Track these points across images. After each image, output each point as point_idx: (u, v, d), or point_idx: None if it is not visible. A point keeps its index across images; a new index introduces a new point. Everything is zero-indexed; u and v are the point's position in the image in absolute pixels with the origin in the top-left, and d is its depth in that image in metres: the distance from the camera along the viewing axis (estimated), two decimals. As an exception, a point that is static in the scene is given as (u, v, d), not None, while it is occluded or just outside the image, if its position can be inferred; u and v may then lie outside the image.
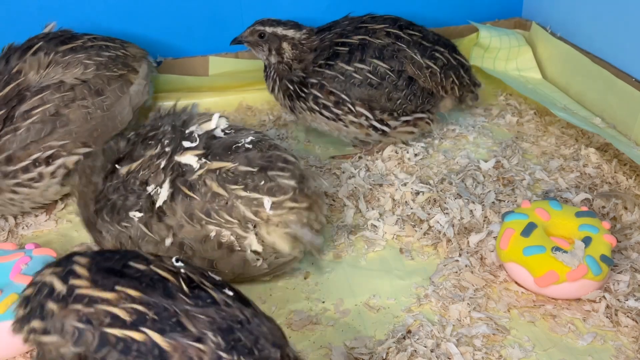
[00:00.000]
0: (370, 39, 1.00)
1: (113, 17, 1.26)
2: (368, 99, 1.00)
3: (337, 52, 1.00)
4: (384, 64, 0.99)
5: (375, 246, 0.90)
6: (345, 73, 0.99)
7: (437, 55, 1.04)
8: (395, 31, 1.02)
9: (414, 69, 1.01)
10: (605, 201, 0.96)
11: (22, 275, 0.77)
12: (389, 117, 1.02)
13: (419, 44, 1.03)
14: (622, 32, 1.14)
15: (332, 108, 1.00)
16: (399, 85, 1.00)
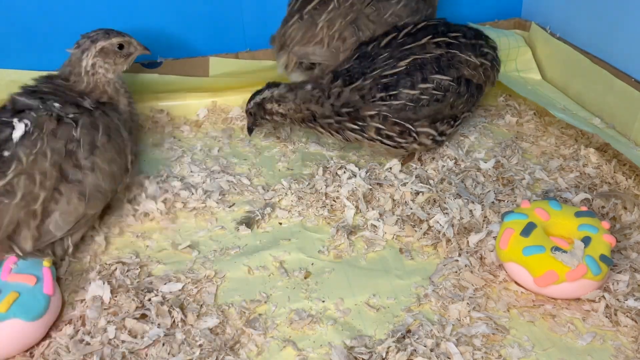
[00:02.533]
0: (419, 57, 0.97)
1: (113, 17, 1.26)
2: (434, 114, 0.98)
3: (389, 82, 0.96)
4: (445, 76, 0.97)
5: (375, 246, 0.91)
6: (413, 98, 0.95)
7: (485, 50, 1.03)
8: (442, 39, 0.99)
9: (470, 71, 1.00)
10: (604, 201, 0.96)
11: (14, 274, 0.77)
12: (447, 127, 1.01)
13: (467, 44, 1.01)
14: (622, 32, 1.14)
15: (396, 138, 0.98)
16: (461, 92, 0.99)
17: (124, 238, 0.93)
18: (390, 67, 0.97)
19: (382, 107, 0.96)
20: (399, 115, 0.96)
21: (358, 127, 0.98)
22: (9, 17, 1.21)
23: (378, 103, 0.96)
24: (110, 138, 0.90)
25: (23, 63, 1.24)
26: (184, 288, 0.83)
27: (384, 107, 0.96)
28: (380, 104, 0.96)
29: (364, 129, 0.98)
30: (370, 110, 0.96)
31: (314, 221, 0.96)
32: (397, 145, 0.99)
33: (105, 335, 0.75)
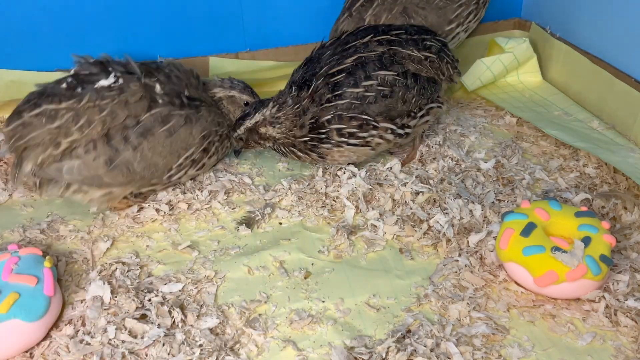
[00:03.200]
0: (364, 54, 0.98)
1: (113, 17, 1.26)
2: (386, 110, 0.98)
3: (337, 82, 0.96)
4: (388, 71, 0.97)
5: (376, 246, 0.91)
6: (358, 96, 0.96)
7: (429, 43, 1.04)
8: (384, 37, 1.00)
9: (415, 65, 1.00)
10: (604, 201, 0.96)
11: (15, 274, 0.77)
12: (408, 119, 1.01)
13: (409, 40, 1.02)
14: (622, 32, 1.14)
15: (358, 133, 0.97)
16: (409, 85, 0.99)
17: (124, 238, 0.93)
18: (336, 63, 0.97)
19: (331, 108, 0.96)
20: (352, 111, 0.96)
21: (324, 135, 0.97)
22: (9, 17, 1.21)
23: (327, 105, 0.96)
24: (171, 135, 0.94)
25: (23, 63, 1.24)
26: (184, 288, 0.83)
27: (332, 109, 0.96)
28: (329, 106, 0.96)
29: (329, 136, 0.97)
30: (326, 115, 0.96)
31: (314, 221, 0.96)
32: (363, 142, 0.99)
33: (105, 336, 0.75)
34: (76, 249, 0.91)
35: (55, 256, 0.88)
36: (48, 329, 0.76)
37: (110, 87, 0.91)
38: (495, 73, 1.29)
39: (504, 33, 1.44)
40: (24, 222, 0.96)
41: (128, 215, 0.97)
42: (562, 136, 1.11)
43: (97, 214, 0.98)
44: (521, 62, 1.31)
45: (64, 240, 0.93)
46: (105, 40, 1.28)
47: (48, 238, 0.93)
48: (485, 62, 1.29)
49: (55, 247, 0.91)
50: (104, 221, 0.96)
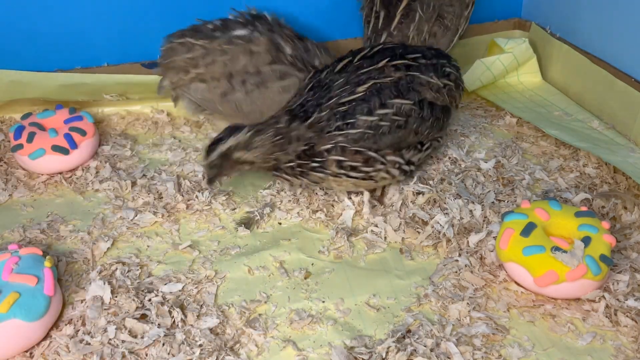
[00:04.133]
0: (379, 81, 0.90)
1: (113, 17, 1.26)
2: (398, 142, 0.91)
3: (347, 110, 0.88)
4: (405, 100, 0.90)
5: (376, 248, 0.90)
6: (372, 125, 0.88)
7: (448, 70, 0.98)
8: (401, 61, 0.93)
9: (432, 93, 0.94)
10: (604, 201, 0.96)
11: (15, 274, 0.77)
12: (414, 153, 0.94)
13: (429, 65, 0.95)
14: (622, 32, 1.14)
15: (362, 167, 0.90)
16: (424, 116, 0.92)
17: (124, 238, 0.93)
18: (347, 93, 0.89)
19: (338, 137, 0.88)
20: (360, 145, 0.89)
21: (317, 163, 0.89)
22: (10, 17, 1.21)
23: (334, 134, 0.88)
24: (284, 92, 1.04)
25: (23, 63, 1.24)
26: (184, 288, 0.83)
27: (340, 138, 0.88)
28: (337, 135, 0.88)
29: (324, 165, 0.89)
30: (326, 144, 0.88)
31: (314, 222, 0.96)
32: (366, 176, 0.91)
33: (105, 335, 0.75)
34: (76, 249, 0.91)
35: (56, 256, 0.88)
36: (48, 329, 0.76)
37: (242, 36, 1.06)
38: (495, 73, 1.29)
39: (504, 33, 1.43)
40: (24, 222, 0.96)
41: (128, 215, 0.97)
42: (562, 136, 1.11)
43: (97, 214, 0.98)
44: (521, 63, 1.31)
45: (64, 240, 0.93)
46: (106, 40, 1.28)
47: (48, 238, 0.93)
48: (485, 62, 1.29)
49: (55, 247, 0.91)
50: (104, 221, 0.96)
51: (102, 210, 0.99)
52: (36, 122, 1.10)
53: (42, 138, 1.05)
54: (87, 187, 1.04)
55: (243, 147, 0.89)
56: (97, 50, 1.28)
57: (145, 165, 1.10)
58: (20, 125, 1.08)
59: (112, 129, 1.21)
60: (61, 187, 1.05)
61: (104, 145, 1.14)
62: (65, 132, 1.07)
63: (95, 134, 1.11)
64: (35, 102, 1.21)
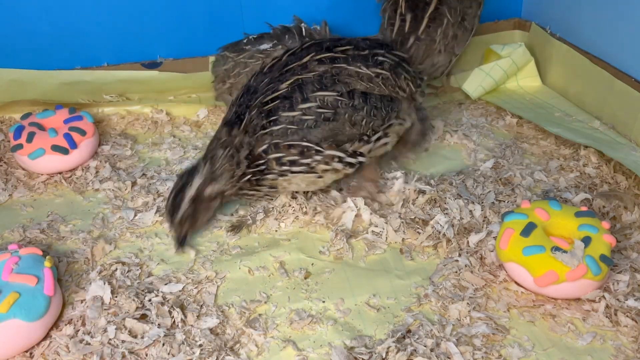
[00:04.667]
0: (302, 76, 0.88)
1: (113, 17, 1.26)
2: (332, 135, 0.88)
3: (271, 108, 0.87)
4: (329, 92, 0.88)
5: (377, 249, 0.90)
6: (294, 120, 0.87)
7: (381, 58, 0.93)
8: (326, 55, 0.91)
9: (364, 84, 0.90)
10: (605, 201, 0.96)
11: (15, 274, 0.77)
12: (360, 144, 0.92)
13: (357, 56, 0.92)
14: (622, 32, 1.14)
15: (300, 159, 0.88)
16: (356, 106, 0.89)
17: (124, 238, 0.93)
18: (271, 91, 0.88)
19: (266, 136, 0.87)
20: (289, 139, 0.87)
21: (263, 166, 0.88)
22: (10, 17, 1.22)
23: (262, 133, 0.87)
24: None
25: (23, 62, 1.24)
26: (184, 288, 0.83)
27: (267, 137, 0.87)
28: (264, 134, 0.87)
29: (268, 167, 0.88)
30: (261, 145, 0.87)
31: (314, 222, 0.96)
32: (308, 169, 0.89)
33: (105, 335, 0.75)
34: (76, 249, 0.91)
35: (56, 256, 0.88)
36: (48, 329, 0.76)
37: (263, 50, 1.11)
38: (496, 78, 1.29)
39: (504, 33, 1.43)
40: (24, 222, 0.96)
41: (128, 215, 0.97)
42: (564, 133, 1.11)
43: (97, 214, 0.98)
44: (520, 66, 1.31)
45: (64, 240, 0.93)
46: (106, 40, 1.28)
47: (48, 238, 0.93)
48: (484, 69, 1.28)
49: (55, 247, 0.91)
50: (104, 221, 0.96)
51: (102, 210, 0.99)
52: (36, 122, 1.09)
53: (42, 138, 1.05)
54: (87, 187, 1.04)
55: (211, 180, 0.87)
56: (97, 50, 1.28)
57: (145, 164, 1.10)
58: (20, 125, 1.08)
59: (112, 129, 1.21)
60: (61, 187, 1.05)
61: (104, 145, 1.14)
62: (65, 131, 1.07)
63: (95, 134, 1.11)
64: (35, 103, 1.21)
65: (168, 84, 1.29)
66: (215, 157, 0.87)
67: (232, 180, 0.88)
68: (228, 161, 0.87)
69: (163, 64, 1.30)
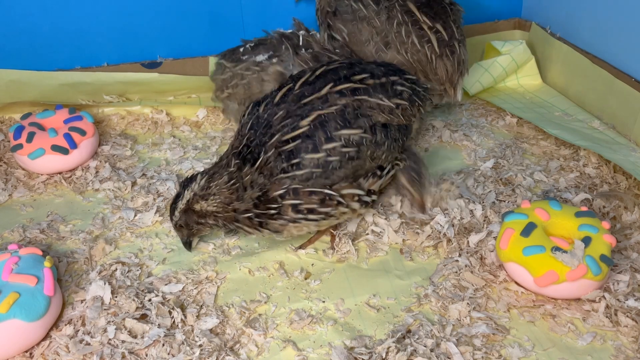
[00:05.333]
0: (323, 112, 0.82)
1: (113, 17, 1.26)
2: (353, 173, 0.83)
3: (292, 149, 0.80)
4: (353, 129, 0.82)
5: (378, 251, 0.90)
6: (319, 163, 0.80)
7: (399, 88, 0.89)
8: (346, 85, 0.84)
9: (385, 116, 0.86)
10: (605, 201, 0.96)
11: (15, 274, 0.77)
12: (374, 181, 0.86)
13: (377, 86, 0.87)
14: (622, 32, 1.14)
15: (319, 208, 0.82)
16: (378, 141, 0.84)
17: (124, 238, 0.93)
18: (290, 128, 0.81)
19: (286, 180, 0.80)
20: (311, 184, 0.81)
21: (275, 210, 0.82)
22: (10, 17, 1.21)
23: (282, 177, 0.80)
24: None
25: (23, 62, 1.24)
26: (184, 288, 0.83)
27: (287, 180, 0.80)
28: (284, 178, 0.80)
29: (281, 212, 0.82)
30: (279, 189, 0.80)
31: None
32: (326, 217, 0.84)
33: (105, 336, 0.75)
34: (76, 249, 0.91)
35: (56, 256, 0.88)
36: (48, 329, 0.76)
37: (259, 63, 1.08)
38: (495, 75, 1.29)
39: (504, 33, 1.43)
40: (24, 222, 0.96)
41: (128, 215, 0.97)
42: (563, 135, 1.11)
43: (97, 214, 0.98)
44: (519, 65, 1.31)
45: (64, 240, 0.93)
46: (106, 40, 1.28)
47: (48, 238, 0.93)
48: (483, 65, 1.29)
49: (55, 247, 0.91)
50: (104, 221, 0.96)
51: (102, 210, 0.99)
52: (36, 122, 1.10)
53: (42, 138, 1.05)
54: (86, 187, 1.04)
55: (200, 198, 0.83)
56: (97, 50, 1.28)
57: (145, 164, 1.10)
58: (20, 125, 1.08)
59: (111, 129, 1.21)
60: (61, 187, 1.05)
61: (104, 145, 1.14)
62: (65, 132, 1.07)
63: (95, 134, 1.11)
64: (35, 103, 1.21)
65: (167, 85, 1.29)
66: (214, 178, 0.82)
67: (226, 207, 0.83)
68: (228, 190, 0.82)
69: (163, 64, 1.30)
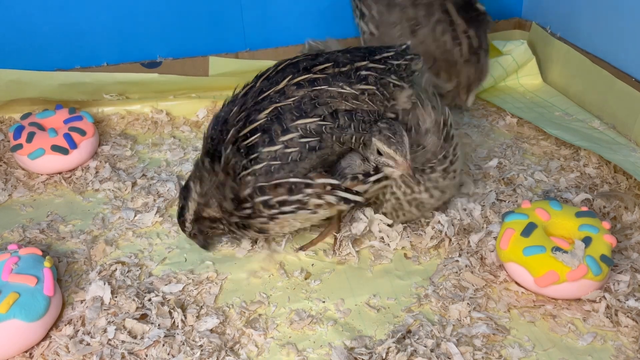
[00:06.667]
0: (280, 104, 0.80)
1: (113, 17, 1.26)
2: (321, 162, 0.80)
3: (249, 144, 0.78)
4: (310, 119, 0.79)
5: (382, 259, 0.89)
6: (277, 155, 0.78)
7: (364, 73, 0.84)
8: (304, 77, 0.82)
9: (349, 103, 0.81)
10: (605, 201, 0.96)
11: (15, 274, 0.77)
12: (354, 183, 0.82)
13: (337, 74, 0.83)
14: (622, 32, 1.14)
15: (289, 197, 0.80)
16: (342, 125, 0.80)
17: (124, 238, 0.93)
18: (245, 122, 0.79)
19: (250, 178, 0.78)
20: (275, 177, 0.78)
21: (249, 210, 0.80)
22: (9, 17, 1.21)
23: (244, 174, 0.78)
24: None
25: (23, 62, 1.24)
26: (185, 289, 0.83)
27: (250, 178, 0.78)
28: (246, 175, 0.78)
29: (255, 211, 0.80)
30: (245, 189, 0.79)
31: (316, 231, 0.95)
32: (300, 206, 0.81)
33: (105, 336, 0.75)
34: (76, 249, 0.91)
35: (56, 256, 0.88)
36: (48, 329, 0.76)
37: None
38: (495, 75, 1.29)
39: (504, 33, 1.43)
40: (24, 222, 0.96)
41: (128, 215, 0.97)
42: (563, 135, 1.10)
43: (97, 214, 0.98)
44: (520, 65, 1.31)
45: (63, 240, 0.93)
46: (105, 40, 1.28)
47: (48, 238, 0.93)
48: None
49: (55, 247, 0.91)
50: (104, 221, 0.96)
51: (101, 210, 0.99)
52: (36, 122, 1.09)
53: (42, 138, 1.05)
54: (86, 187, 1.04)
55: (204, 204, 0.82)
56: (97, 50, 1.28)
57: (145, 165, 1.10)
58: (19, 125, 1.08)
59: (111, 129, 1.21)
60: (61, 187, 1.05)
61: (104, 145, 1.14)
62: (65, 132, 1.07)
63: (95, 134, 1.11)
64: (35, 102, 1.21)
65: (167, 85, 1.29)
66: (203, 178, 0.81)
67: (221, 211, 0.82)
68: (216, 189, 0.81)
69: (162, 64, 1.30)
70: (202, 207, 0.82)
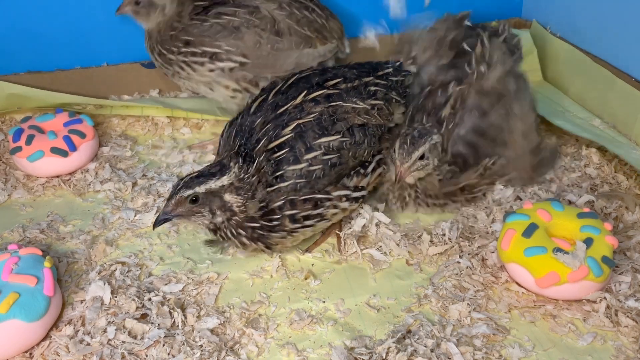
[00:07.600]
0: (302, 121, 0.83)
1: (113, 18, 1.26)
2: (337, 176, 0.84)
3: (278, 159, 0.81)
4: (332, 136, 0.83)
5: (382, 264, 0.88)
6: (302, 173, 0.81)
7: (373, 88, 0.90)
8: (319, 93, 0.86)
9: (361, 118, 0.87)
10: (606, 201, 0.95)
11: (15, 274, 0.77)
12: (359, 179, 0.87)
13: (350, 90, 0.88)
14: (622, 32, 1.14)
15: (313, 212, 0.83)
16: (358, 141, 0.85)
17: (124, 238, 0.93)
18: (272, 135, 0.82)
19: (279, 192, 0.81)
20: (303, 193, 0.82)
21: (277, 222, 0.81)
22: (9, 17, 1.21)
23: (273, 189, 0.81)
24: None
25: (23, 63, 1.24)
26: (185, 289, 0.83)
27: (281, 192, 0.81)
28: (275, 190, 0.81)
29: (282, 224, 0.82)
30: (277, 201, 0.81)
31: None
32: (320, 219, 0.84)
33: (105, 336, 0.75)
34: (76, 249, 0.91)
35: (56, 257, 0.88)
36: (48, 329, 0.76)
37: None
38: None
39: (504, 33, 1.43)
40: (24, 222, 0.96)
41: (128, 215, 0.97)
42: (567, 126, 1.10)
43: (97, 214, 0.98)
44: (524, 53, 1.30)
45: (63, 241, 0.93)
46: (106, 40, 1.28)
47: (48, 238, 0.93)
48: None
49: (55, 247, 0.91)
50: (104, 221, 0.96)
51: (101, 210, 0.99)
52: (35, 125, 1.09)
53: (41, 140, 1.05)
54: (87, 188, 1.04)
55: (236, 189, 0.79)
56: (96, 50, 1.28)
57: (145, 165, 1.10)
58: (19, 128, 1.07)
59: (112, 130, 1.20)
60: (60, 190, 1.05)
61: (104, 147, 1.14)
62: (65, 134, 1.07)
63: (95, 137, 1.11)
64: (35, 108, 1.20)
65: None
66: (243, 170, 0.80)
67: (243, 208, 0.80)
68: (250, 186, 0.80)
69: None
70: (232, 188, 0.79)
